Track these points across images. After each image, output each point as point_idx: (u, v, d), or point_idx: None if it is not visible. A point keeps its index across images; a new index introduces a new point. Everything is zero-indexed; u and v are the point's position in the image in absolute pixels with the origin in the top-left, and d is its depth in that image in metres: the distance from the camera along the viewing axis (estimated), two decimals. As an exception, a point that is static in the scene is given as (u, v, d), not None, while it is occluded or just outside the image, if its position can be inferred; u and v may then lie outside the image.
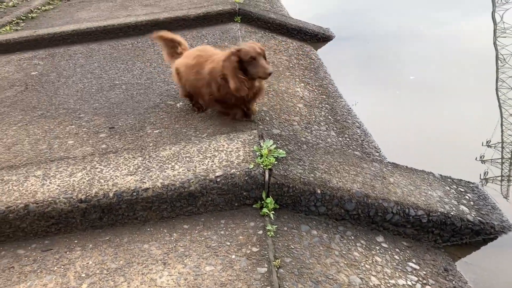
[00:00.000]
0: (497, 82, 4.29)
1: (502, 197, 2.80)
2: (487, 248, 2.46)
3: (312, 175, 2.34)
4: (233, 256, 1.99)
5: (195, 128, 3.00)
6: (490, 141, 3.40)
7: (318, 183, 2.28)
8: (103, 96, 3.70)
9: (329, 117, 3.50)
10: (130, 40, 5.04)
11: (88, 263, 2.04)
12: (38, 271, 2.02)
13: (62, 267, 2.03)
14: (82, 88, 3.90)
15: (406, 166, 2.72)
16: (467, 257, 2.40)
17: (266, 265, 1.92)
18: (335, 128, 3.32)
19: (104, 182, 2.29)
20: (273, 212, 2.25)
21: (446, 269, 2.19)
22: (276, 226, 2.17)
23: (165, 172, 2.31)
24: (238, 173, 2.26)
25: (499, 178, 3.03)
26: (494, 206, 2.55)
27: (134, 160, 2.46)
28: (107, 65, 4.37)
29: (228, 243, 2.07)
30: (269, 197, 2.28)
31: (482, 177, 3.04)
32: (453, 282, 2.13)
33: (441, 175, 2.74)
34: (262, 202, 2.29)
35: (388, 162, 2.75)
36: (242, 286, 1.84)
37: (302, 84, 4.00)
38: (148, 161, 2.43)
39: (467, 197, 2.55)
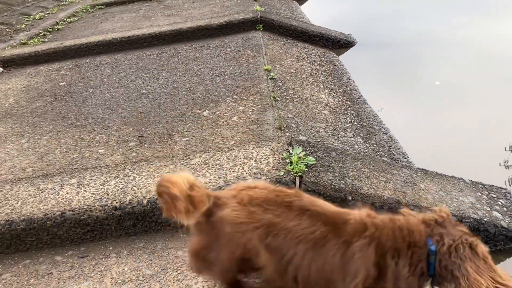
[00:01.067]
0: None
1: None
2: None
3: (343, 182, 2.34)
4: (267, 263, 2.01)
5: (222, 136, 3.03)
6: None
7: (349, 189, 2.29)
8: (130, 105, 3.77)
9: (355, 123, 3.50)
10: (155, 50, 5.13)
11: (124, 269, 2.08)
12: (76, 277, 2.07)
13: (99, 273, 2.08)
14: (109, 98, 3.98)
15: (436, 172, 2.70)
16: (501, 264, 2.36)
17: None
18: (361, 135, 3.31)
19: (138, 189, 2.34)
20: (304, 218, 2.25)
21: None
22: (308, 232, 2.18)
23: (197, 179, 2.35)
24: (269, 180, 2.28)
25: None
26: (528, 212, 2.50)
27: (166, 168, 2.51)
28: (133, 75, 4.46)
29: (261, 250, 2.09)
30: (300, 204, 2.29)
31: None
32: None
33: (471, 180, 2.70)
34: (293, 209, 2.30)
35: (418, 168, 2.74)
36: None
37: (327, 91, 4.00)
38: (179, 169, 2.47)
39: (499, 203, 2.51)
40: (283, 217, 1.54)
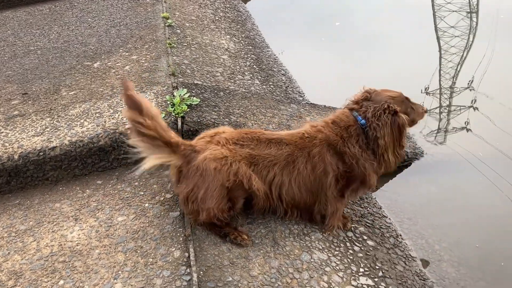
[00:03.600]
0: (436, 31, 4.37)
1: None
2: (402, 175, 2.57)
3: (227, 119, 2.33)
4: (146, 205, 1.98)
5: (111, 86, 2.89)
6: (428, 87, 3.50)
7: (232, 126, 2.28)
8: (16, 63, 3.49)
9: (254, 66, 3.47)
10: (48, 5, 4.73)
11: (-5, 228, 1.96)
12: None
13: (-33, 235, 1.95)
14: (-7, 57, 3.66)
15: (324, 105, 2.77)
16: (384, 186, 2.51)
17: (179, 209, 1.92)
18: (259, 77, 3.30)
19: (9, 145, 2.19)
20: (188, 159, 2.23)
21: (361, 197, 2.27)
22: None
23: (73, 129, 2.23)
24: (150, 123, 2.21)
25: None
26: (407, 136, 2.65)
27: (42, 121, 2.36)
28: (21, 32, 4.11)
29: (142, 193, 2.05)
30: (184, 144, 2.26)
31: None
32: (368, 209, 2.21)
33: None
34: (178, 150, 2.27)
35: (307, 103, 2.78)
36: (154, 231, 1.84)
37: (228, 36, 3.93)
38: (56, 121, 2.34)
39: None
40: (257, 148, 1.79)
